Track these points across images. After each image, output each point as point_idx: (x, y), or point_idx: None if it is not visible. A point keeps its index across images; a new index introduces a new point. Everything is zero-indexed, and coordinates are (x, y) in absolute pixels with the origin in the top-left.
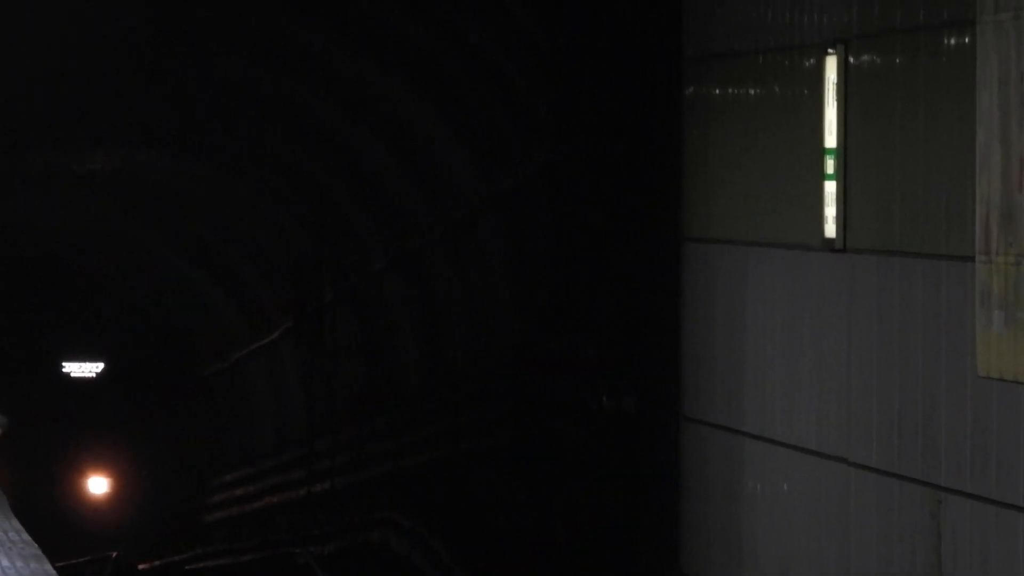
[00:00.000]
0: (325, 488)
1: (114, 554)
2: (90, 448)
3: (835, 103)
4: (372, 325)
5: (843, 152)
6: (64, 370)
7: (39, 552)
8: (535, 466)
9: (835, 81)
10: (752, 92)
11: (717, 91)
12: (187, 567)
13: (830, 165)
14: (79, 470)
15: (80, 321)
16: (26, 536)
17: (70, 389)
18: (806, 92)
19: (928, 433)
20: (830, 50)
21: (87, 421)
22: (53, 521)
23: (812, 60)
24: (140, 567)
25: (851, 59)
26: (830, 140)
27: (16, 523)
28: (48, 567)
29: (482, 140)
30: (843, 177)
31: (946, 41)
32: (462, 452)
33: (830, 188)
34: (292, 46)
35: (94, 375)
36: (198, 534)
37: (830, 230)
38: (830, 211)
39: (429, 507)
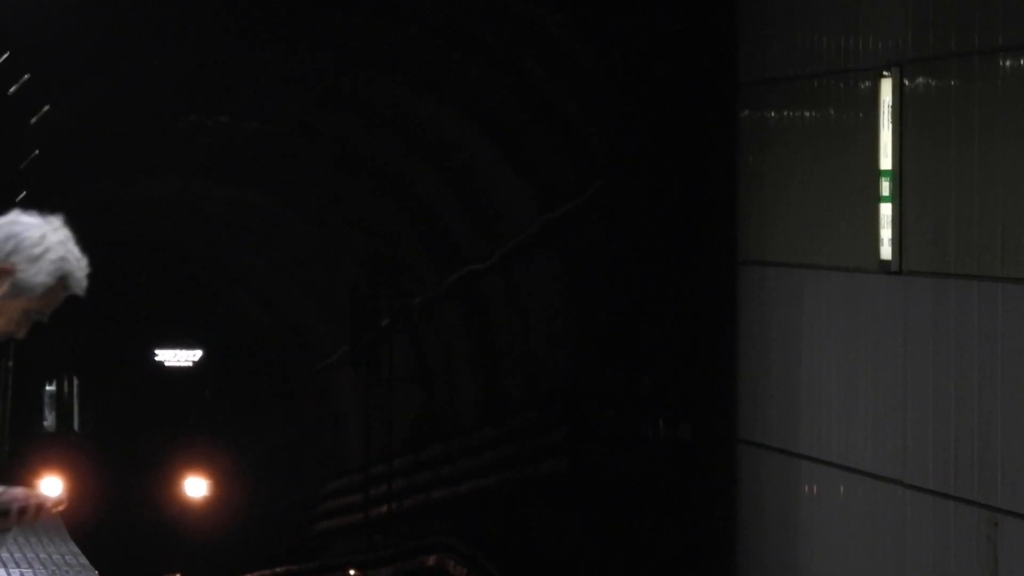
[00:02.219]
0: (382, 512)
1: None
2: (187, 446)
3: (890, 126)
4: (428, 354)
5: (898, 174)
6: (157, 359)
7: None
8: (591, 494)
9: (890, 104)
10: (807, 116)
11: (772, 115)
12: None
13: (886, 187)
14: (174, 471)
15: (175, 303)
16: (84, 560)
17: (164, 380)
18: (861, 115)
19: (984, 455)
20: (885, 73)
21: (183, 416)
22: (144, 528)
23: (867, 83)
24: None
25: (906, 82)
26: (885, 162)
27: (74, 547)
28: None
29: (537, 169)
30: (899, 199)
31: (1002, 64)
32: (518, 480)
33: (885, 210)
34: (348, 83)
35: (191, 364)
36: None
37: (886, 252)
38: (886, 233)
39: (486, 533)
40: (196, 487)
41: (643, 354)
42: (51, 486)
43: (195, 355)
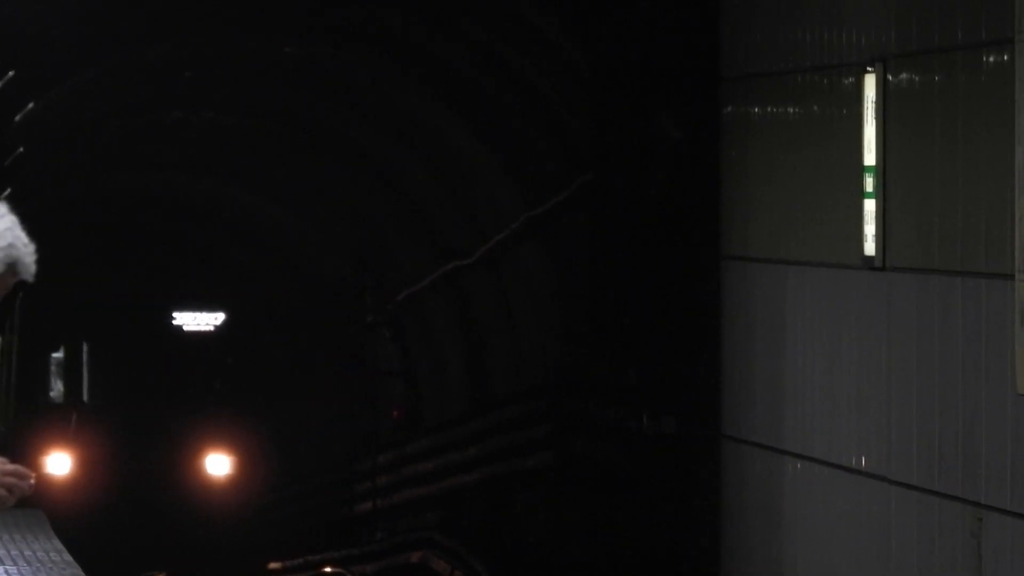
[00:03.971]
0: (367, 508)
1: None
2: (208, 419)
3: (874, 121)
4: (413, 348)
5: (882, 170)
6: (175, 322)
7: (80, 573)
8: (576, 488)
9: (874, 99)
10: (790, 111)
11: (755, 110)
12: None
13: (869, 183)
14: (194, 446)
15: (195, 260)
16: (67, 556)
17: (183, 346)
18: (845, 111)
19: (968, 451)
20: (869, 68)
21: (204, 385)
22: (160, 510)
23: (851, 79)
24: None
25: (890, 77)
26: (869, 158)
27: (57, 543)
28: None
29: (522, 162)
30: (882, 195)
31: (985, 59)
32: (503, 474)
33: (869, 206)
34: (334, 73)
35: (212, 328)
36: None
37: (869, 248)
38: (869, 229)
39: (470, 528)
40: (218, 464)
41: (628, 348)
42: (57, 463)
43: (217, 318)
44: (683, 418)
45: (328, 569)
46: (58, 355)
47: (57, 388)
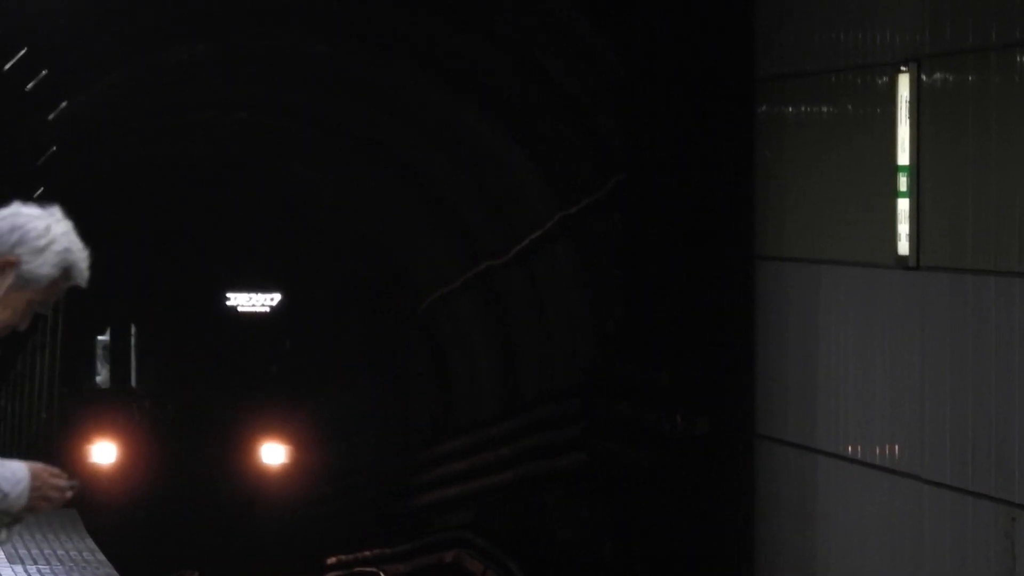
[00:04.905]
0: (400, 508)
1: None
2: (263, 406)
3: (907, 121)
4: (446, 348)
5: (916, 170)
6: (229, 303)
7: (113, 572)
8: (608, 487)
9: (907, 99)
10: (824, 111)
11: (789, 110)
12: None
13: (903, 183)
14: (248, 435)
15: (250, 238)
16: (101, 556)
17: (237, 328)
18: (879, 110)
19: (1002, 450)
20: (902, 68)
21: (259, 370)
22: (212, 502)
23: (884, 78)
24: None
25: (923, 77)
26: (903, 158)
27: (91, 543)
28: None
29: (555, 163)
30: (916, 194)
31: (1018, 59)
32: (536, 474)
33: (903, 206)
34: (367, 74)
35: (268, 309)
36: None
37: (903, 247)
38: (903, 228)
39: (503, 528)
40: (274, 454)
41: (661, 348)
42: (104, 452)
43: (273, 298)
44: (716, 418)
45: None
46: (104, 338)
47: (103, 373)
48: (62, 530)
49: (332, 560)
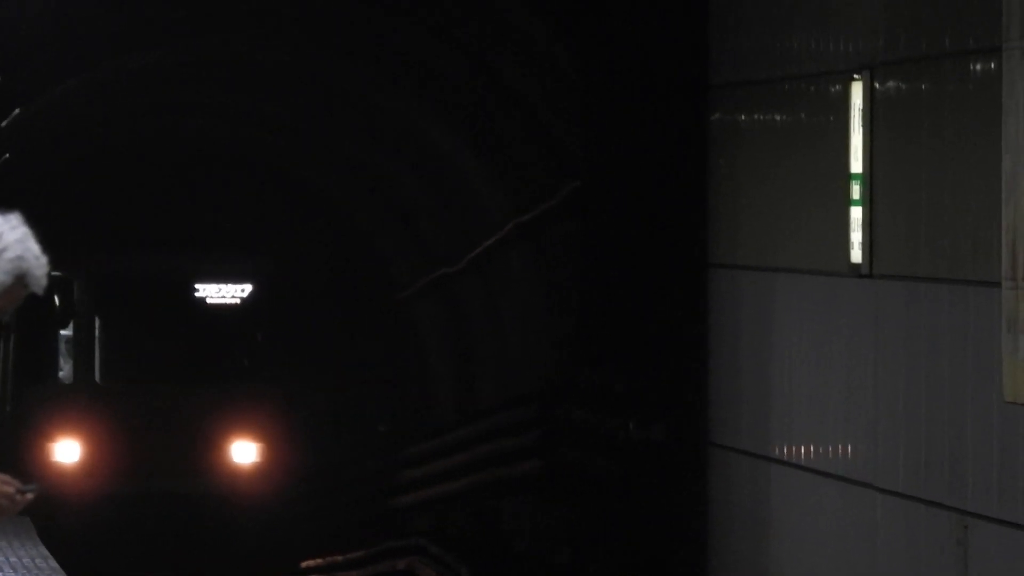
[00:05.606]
0: (354, 515)
1: None
2: (233, 402)
3: (861, 129)
4: (402, 354)
5: (869, 178)
6: (197, 295)
7: None
8: (565, 496)
9: (861, 107)
10: (778, 119)
11: (743, 118)
12: None
13: (856, 191)
14: (218, 432)
15: (219, 225)
16: (53, 563)
17: (206, 320)
18: (832, 118)
19: (955, 458)
20: (856, 76)
21: (229, 365)
22: (180, 503)
23: (838, 86)
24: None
25: (877, 85)
26: (856, 166)
27: (43, 550)
28: None
29: (511, 169)
30: (869, 203)
31: (972, 68)
32: (493, 481)
33: (856, 214)
34: (323, 79)
35: (238, 301)
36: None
37: (856, 256)
38: (856, 237)
39: (458, 535)
40: (245, 452)
41: (616, 355)
42: (66, 450)
43: (244, 290)
44: (671, 425)
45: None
46: (67, 332)
47: (66, 368)
48: (15, 537)
49: (308, 564)
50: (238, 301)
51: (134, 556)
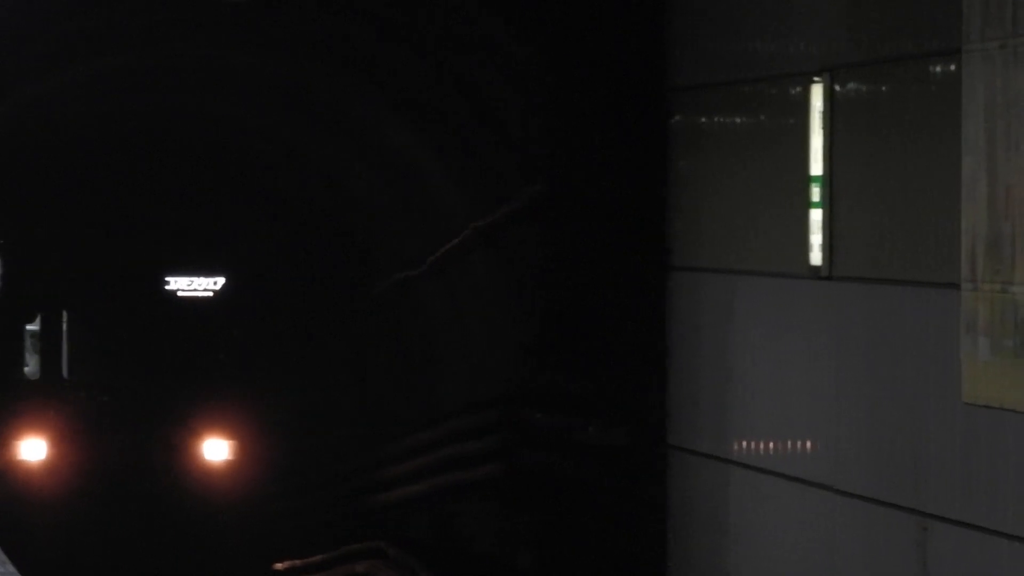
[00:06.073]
0: (317, 518)
1: None
2: (206, 398)
3: (821, 131)
4: (364, 356)
5: (829, 180)
6: (168, 287)
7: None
8: (527, 499)
9: (821, 109)
10: (738, 121)
11: (703, 120)
12: None
13: (816, 193)
14: (190, 429)
15: (191, 216)
16: (11, 568)
17: (176, 314)
18: (792, 121)
19: (915, 460)
20: (816, 79)
21: (201, 360)
22: (150, 501)
23: (798, 89)
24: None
25: (837, 87)
26: (816, 168)
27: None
28: None
29: (474, 172)
30: (829, 205)
31: (932, 70)
32: (453, 484)
33: (816, 216)
34: (282, 79)
35: (211, 294)
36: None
37: (816, 258)
38: (816, 239)
39: (419, 538)
40: (217, 450)
41: (579, 358)
42: (33, 449)
43: (216, 282)
44: (632, 429)
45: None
46: (33, 327)
47: (32, 364)
48: None
49: (281, 565)
50: (211, 294)
51: (102, 558)
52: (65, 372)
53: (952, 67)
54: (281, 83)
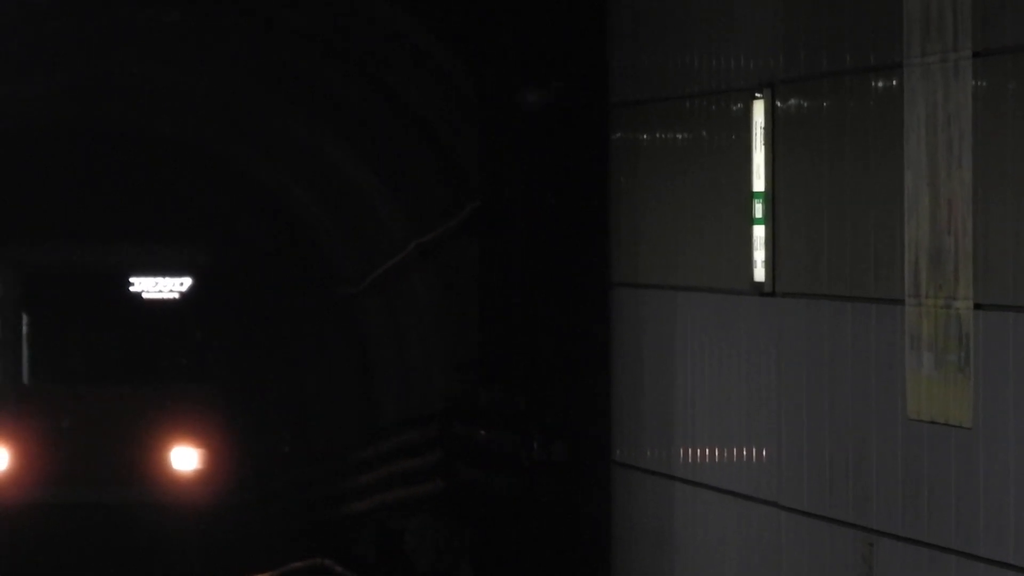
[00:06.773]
0: (259, 534)
1: None
2: (172, 404)
3: (763, 147)
4: (304, 374)
5: (771, 196)
6: (133, 288)
7: None
8: (468, 515)
9: (762, 125)
10: (680, 137)
11: (644, 136)
12: None
13: (758, 209)
14: (156, 437)
15: (156, 215)
16: None
17: (142, 316)
18: (733, 136)
19: (859, 476)
20: (757, 95)
21: (167, 364)
22: (115, 513)
23: (739, 104)
24: None
25: (778, 103)
26: (758, 184)
27: None
28: None
29: (411, 189)
30: (771, 221)
31: (873, 84)
32: (395, 501)
33: (758, 232)
34: (220, 99)
35: (177, 296)
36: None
37: (759, 274)
38: (758, 255)
39: (362, 555)
40: (185, 458)
41: (519, 374)
42: None
43: (182, 283)
44: (574, 445)
45: None
46: None
47: None
48: None
49: None
50: (176, 296)
51: (66, 571)
52: (25, 377)
53: (893, 82)
54: (216, 103)
